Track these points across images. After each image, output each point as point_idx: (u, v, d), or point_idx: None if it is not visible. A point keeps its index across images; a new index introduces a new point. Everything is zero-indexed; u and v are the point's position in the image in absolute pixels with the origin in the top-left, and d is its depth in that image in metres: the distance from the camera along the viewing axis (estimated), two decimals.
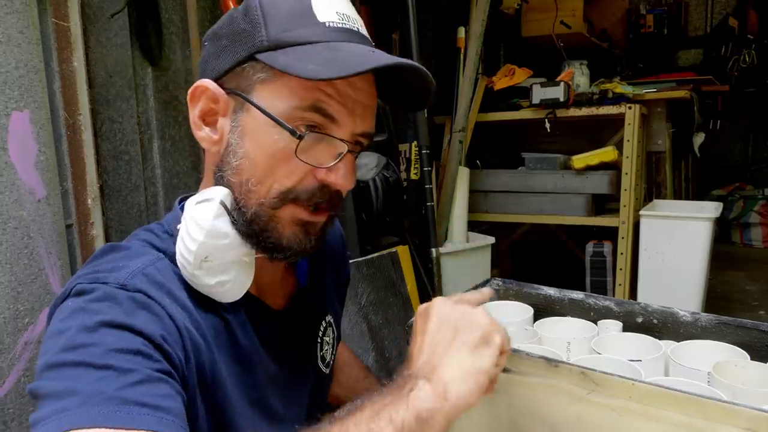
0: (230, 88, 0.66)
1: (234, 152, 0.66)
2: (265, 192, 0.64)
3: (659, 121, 2.71)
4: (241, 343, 0.69)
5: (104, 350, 0.54)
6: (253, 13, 0.64)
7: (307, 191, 0.65)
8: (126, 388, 0.52)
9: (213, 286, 0.65)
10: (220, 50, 0.67)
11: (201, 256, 0.63)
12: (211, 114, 0.68)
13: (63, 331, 0.56)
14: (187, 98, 0.69)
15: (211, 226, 0.63)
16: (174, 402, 0.55)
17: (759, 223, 4.25)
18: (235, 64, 0.65)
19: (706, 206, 2.44)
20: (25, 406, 1.18)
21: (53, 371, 0.54)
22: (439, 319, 0.62)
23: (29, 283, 1.17)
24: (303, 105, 0.63)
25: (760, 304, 3.02)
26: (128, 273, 0.61)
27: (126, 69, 1.47)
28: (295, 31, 0.63)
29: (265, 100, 0.64)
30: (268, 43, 0.63)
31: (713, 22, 4.73)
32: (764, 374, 0.78)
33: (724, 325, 0.90)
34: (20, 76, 1.14)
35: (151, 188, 1.58)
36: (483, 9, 2.61)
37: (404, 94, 0.71)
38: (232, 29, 0.66)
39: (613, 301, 1.00)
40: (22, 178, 1.14)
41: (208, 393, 0.64)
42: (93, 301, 0.58)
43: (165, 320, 0.60)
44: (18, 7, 1.13)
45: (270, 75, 0.63)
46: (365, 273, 1.65)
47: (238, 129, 0.65)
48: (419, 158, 2.23)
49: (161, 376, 0.56)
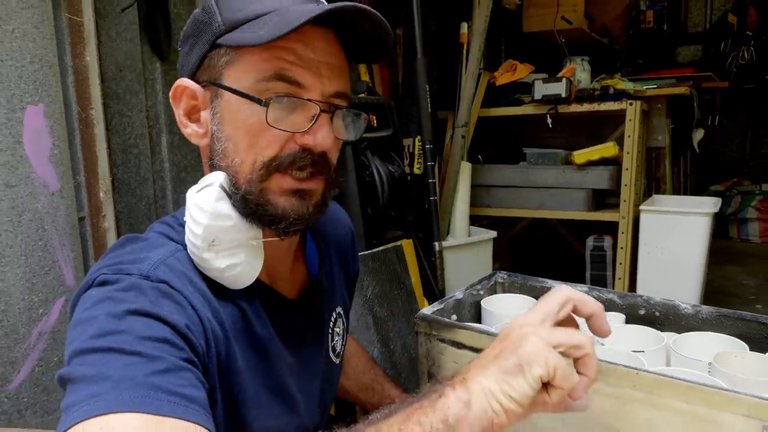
0: (204, 80, 0.68)
1: (217, 138, 0.68)
2: (251, 167, 0.66)
3: (659, 117, 2.73)
4: (257, 332, 0.71)
5: (133, 337, 0.55)
6: (208, 4, 0.67)
7: (289, 156, 0.66)
8: (154, 375, 0.53)
9: (224, 270, 0.66)
10: (189, 49, 0.70)
11: (208, 239, 0.64)
12: (194, 110, 0.70)
13: (90, 318, 0.57)
14: (170, 101, 0.71)
15: (214, 208, 0.64)
16: (198, 391, 0.56)
17: (756, 219, 4.28)
18: (202, 57, 0.68)
19: (705, 201, 2.46)
20: (39, 395, 1.20)
21: (83, 357, 0.55)
22: (497, 339, 0.62)
23: (43, 275, 1.19)
24: (266, 75, 0.64)
25: (757, 298, 3.05)
26: (151, 264, 0.62)
27: (135, 63, 1.49)
28: (246, 9, 0.65)
29: (233, 80, 0.66)
30: (225, 26, 0.65)
31: (712, 19, 4.74)
32: (763, 364, 0.81)
33: (724, 317, 0.93)
34: (35, 70, 1.15)
35: (160, 182, 1.60)
36: (486, 5, 2.62)
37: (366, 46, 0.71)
38: (194, 27, 0.69)
39: (617, 294, 1.03)
40: (37, 172, 1.16)
41: (223, 380, 0.65)
42: (119, 291, 0.59)
43: (188, 310, 0.61)
44: (33, 3, 1.14)
45: (232, 56, 0.65)
46: (371, 266, 1.67)
47: (217, 116, 0.67)
48: (422, 153, 2.25)
49: (186, 365, 0.57)
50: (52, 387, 1.22)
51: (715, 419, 0.67)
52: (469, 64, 2.64)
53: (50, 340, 1.22)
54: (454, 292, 1.04)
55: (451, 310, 1.00)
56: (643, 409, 0.71)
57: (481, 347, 0.84)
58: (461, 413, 0.56)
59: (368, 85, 1.97)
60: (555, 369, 0.56)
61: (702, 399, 0.68)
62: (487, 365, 0.59)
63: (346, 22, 0.66)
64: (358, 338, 1.46)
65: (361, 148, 1.75)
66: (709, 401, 0.67)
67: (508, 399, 0.56)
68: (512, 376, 0.57)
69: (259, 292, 0.72)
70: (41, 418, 1.21)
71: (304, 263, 0.84)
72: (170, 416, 0.52)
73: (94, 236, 1.33)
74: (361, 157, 1.74)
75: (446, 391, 0.57)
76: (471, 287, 1.08)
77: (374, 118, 1.84)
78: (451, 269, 2.28)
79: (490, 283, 1.12)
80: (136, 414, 0.51)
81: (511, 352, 0.58)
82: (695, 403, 0.68)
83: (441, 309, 0.96)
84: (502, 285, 1.14)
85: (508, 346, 0.59)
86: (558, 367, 0.56)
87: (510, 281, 1.13)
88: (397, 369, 1.60)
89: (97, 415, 0.50)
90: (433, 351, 0.90)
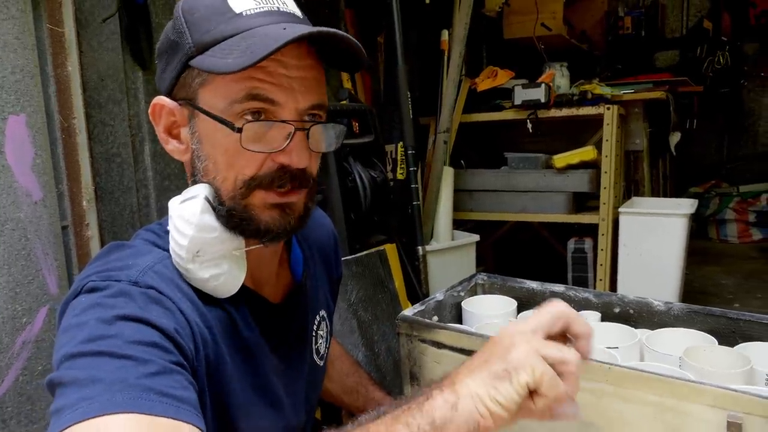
0: (180, 98, 0.69)
1: (198, 156, 0.69)
2: (232, 185, 0.67)
3: (637, 121, 2.78)
4: (244, 335, 0.72)
5: (123, 341, 0.56)
6: (178, 23, 0.67)
7: (268, 176, 0.67)
8: (146, 378, 0.54)
9: (208, 281, 0.67)
10: (164, 66, 0.70)
11: (193, 250, 0.65)
12: (174, 127, 0.71)
13: (80, 324, 0.58)
14: (150, 119, 0.72)
15: (199, 220, 0.66)
16: (189, 392, 0.57)
17: (734, 220, 4.36)
18: (176, 76, 0.68)
19: (682, 203, 2.52)
20: (23, 405, 1.20)
21: (74, 361, 0.55)
22: (487, 344, 0.63)
23: (27, 284, 1.20)
24: (238, 97, 0.64)
25: (735, 297, 3.11)
26: (139, 270, 0.64)
27: (117, 73, 1.50)
28: (214, 30, 0.65)
29: (208, 101, 0.66)
30: (195, 48, 0.65)
31: (689, 24, 4.83)
32: (730, 358, 0.84)
33: (695, 313, 0.96)
34: (16, 80, 1.16)
35: (143, 190, 1.61)
36: (466, 12, 2.66)
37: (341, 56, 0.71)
38: (167, 44, 0.69)
39: (592, 292, 1.06)
40: (19, 181, 1.17)
41: (212, 382, 0.66)
42: (108, 297, 0.60)
43: (176, 314, 0.62)
44: (14, 14, 1.15)
45: (205, 77, 0.66)
46: (354, 271, 1.69)
47: (196, 134, 0.68)
48: (405, 158, 2.28)
49: (176, 367, 0.58)
50: (36, 396, 1.22)
51: (683, 410, 0.69)
52: (450, 71, 2.68)
53: (34, 349, 1.22)
54: (435, 294, 1.07)
55: (432, 311, 1.02)
56: (616, 402, 0.74)
57: (462, 347, 0.86)
58: (448, 415, 0.57)
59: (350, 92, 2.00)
60: (542, 377, 0.57)
61: (670, 391, 0.70)
62: (475, 369, 0.60)
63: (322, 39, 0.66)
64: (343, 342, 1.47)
65: (344, 154, 1.77)
66: (677, 393, 0.70)
67: (494, 403, 0.57)
68: (500, 381, 0.58)
69: (244, 297, 0.73)
70: (26, 427, 1.21)
71: (289, 268, 0.86)
72: (163, 416, 0.53)
73: (78, 245, 1.33)
74: (344, 163, 1.76)
75: (434, 394, 0.59)
76: (452, 289, 1.10)
77: (356, 124, 1.87)
78: (435, 273, 2.31)
79: (471, 285, 1.15)
80: (130, 415, 0.51)
81: (500, 357, 0.59)
82: (664, 395, 0.71)
83: (422, 310, 0.98)
84: (483, 286, 1.16)
85: (497, 352, 0.60)
86: (545, 376, 0.58)
87: (490, 282, 1.16)
88: (381, 372, 1.62)
89: (92, 417, 0.51)
90: (414, 351, 0.92)
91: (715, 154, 4.94)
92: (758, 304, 2.97)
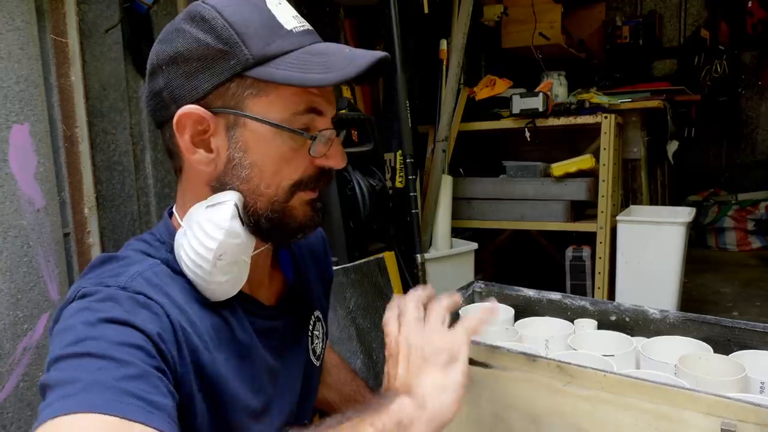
0: (216, 107, 0.68)
1: (240, 165, 0.69)
2: (275, 190, 0.70)
3: (634, 130, 2.80)
4: (239, 338, 0.74)
5: (106, 342, 0.57)
6: (224, 32, 0.66)
7: (312, 178, 0.72)
8: (124, 380, 0.55)
9: (222, 284, 0.70)
10: (190, 72, 0.68)
11: (218, 254, 0.67)
12: (201, 135, 0.70)
13: (67, 328, 0.60)
14: (173, 128, 0.70)
15: (230, 225, 0.68)
16: (166, 399, 0.58)
17: (733, 228, 4.37)
18: (218, 84, 0.67)
19: (680, 211, 2.53)
20: (23, 411, 1.21)
21: (59, 363, 0.57)
22: (409, 350, 0.70)
23: (28, 290, 1.21)
24: (300, 109, 0.69)
25: (734, 306, 3.12)
26: (128, 276, 0.65)
27: (120, 82, 1.51)
28: (274, 44, 0.67)
29: (260, 111, 0.68)
30: (254, 59, 0.66)
31: (686, 34, 4.87)
32: (725, 365, 0.85)
33: (690, 321, 0.97)
34: (20, 90, 1.17)
35: (144, 197, 1.62)
36: (464, 22, 2.69)
37: None
38: (201, 51, 0.67)
39: (588, 300, 1.06)
40: (22, 189, 1.18)
41: (205, 386, 0.67)
42: (96, 302, 0.62)
43: (163, 319, 0.63)
44: (19, 25, 1.17)
45: (260, 89, 0.67)
46: (353, 278, 1.70)
47: (239, 144, 0.69)
48: (404, 167, 2.29)
49: (156, 372, 0.59)
50: (36, 402, 1.23)
51: (678, 417, 0.70)
52: (448, 80, 2.70)
53: (35, 355, 1.23)
54: None
55: None
56: (611, 409, 0.75)
57: None
58: (416, 414, 0.62)
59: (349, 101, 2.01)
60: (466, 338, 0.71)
61: (665, 398, 0.71)
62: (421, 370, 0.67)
63: None
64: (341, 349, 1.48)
65: None
66: (672, 400, 0.71)
67: (458, 387, 0.66)
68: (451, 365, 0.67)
69: (240, 300, 0.75)
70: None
71: (280, 270, 0.88)
72: (135, 421, 0.53)
73: (79, 252, 1.34)
74: (343, 172, 1.78)
75: (399, 398, 0.63)
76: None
77: (355, 133, 1.88)
78: (434, 281, 2.32)
79: (468, 293, 1.16)
80: (103, 416, 0.52)
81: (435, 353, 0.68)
82: (659, 402, 0.71)
83: None
84: (480, 294, 1.17)
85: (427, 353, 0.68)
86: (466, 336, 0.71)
87: (487, 290, 1.17)
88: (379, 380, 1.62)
89: (65, 413, 0.52)
90: None
91: (713, 163, 4.96)
92: (757, 312, 2.97)
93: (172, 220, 0.78)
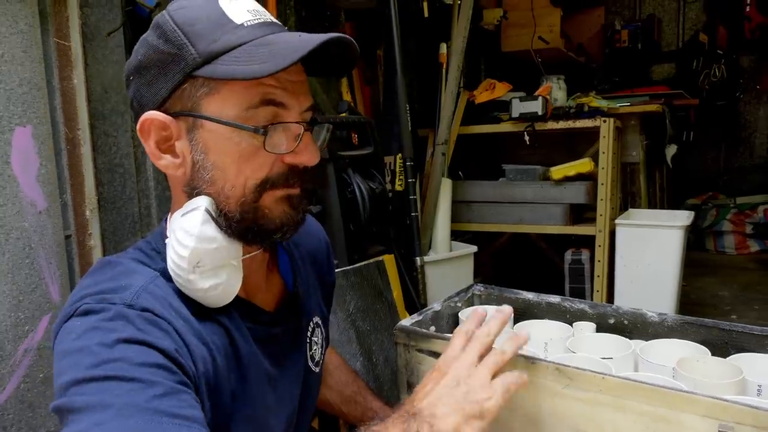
0: (176, 111, 0.68)
1: (203, 167, 0.69)
2: (242, 191, 0.68)
3: (633, 134, 2.81)
4: (238, 345, 0.73)
5: (129, 364, 0.57)
6: (173, 35, 0.66)
7: (280, 176, 0.69)
8: (155, 399, 0.56)
9: (207, 290, 0.68)
10: (150, 80, 0.68)
11: (193, 261, 0.67)
12: (166, 141, 0.70)
13: (81, 349, 0.59)
14: (138, 135, 0.70)
15: (200, 231, 0.66)
16: (196, 411, 0.59)
17: (731, 231, 4.38)
18: (173, 88, 0.67)
19: (679, 215, 2.54)
20: (24, 412, 1.21)
21: (81, 386, 0.56)
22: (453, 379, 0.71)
23: (30, 292, 1.21)
24: (254, 103, 0.66)
25: (732, 309, 3.12)
26: (133, 293, 0.65)
27: (121, 85, 1.52)
28: (221, 40, 0.65)
29: (216, 110, 0.66)
30: (201, 58, 0.65)
31: (684, 38, 4.89)
32: (723, 368, 0.85)
33: (688, 324, 0.97)
34: (23, 93, 1.18)
35: (144, 200, 1.63)
36: (464, 26, 2.70)
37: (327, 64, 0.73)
38: (156, 57, 0.67)
39: (587, 303, 1.07)
40: (24, 191, 1.18)
41: (213, 400, 0.68)
42: (105, 321, 0.61)
43: (173, 335, 0.64)
44: (22, 28, 1.17)
45: (211, 87, 0.66)
46: (353, 281, 1.70)
47: (199, 146, 0.68)
48: (404, 170, 2.30)
49: (181, 387, 0.59)
50: (37, 404, 1.23)
51: (676, 420, 0.71)
52: (448, 83, 2.71)
53: (36, 357, 1.23)
54: (433, 305, 1.08)
55: (430, 321, 1.03)
56: (610, 411, 0.75)
57: None
58: None
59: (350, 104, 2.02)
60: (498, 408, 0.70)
61: (663, 401, 0.72)
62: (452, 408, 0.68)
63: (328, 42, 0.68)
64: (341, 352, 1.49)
65: (343, 165, 1.79)
66: (670, 403, 0.71)
67: None
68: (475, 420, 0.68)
69: (238, 306, 0.74)
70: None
71: (279, 275, 0.87)
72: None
73: (80, 254, 1.35)
74: (343, 175, 1.79)
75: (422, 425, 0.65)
76: (449, 299, 1.12)
77: (356, 136, 1.89)
78: (433, 283, 2.33)
79: (468, 296, 1.16)
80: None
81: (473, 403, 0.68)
82: (657, 404, 0.72)
83: (419, 321, 0.99)
84: (479, 297, 1.18)
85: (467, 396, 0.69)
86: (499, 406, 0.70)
87: (486, 293, 1.17)
88: (380, 382, 1.63)
89: None
90: (412, 361, 0.93)
91: (712, 166, 4.98)
92: (755, 315, 2.98)
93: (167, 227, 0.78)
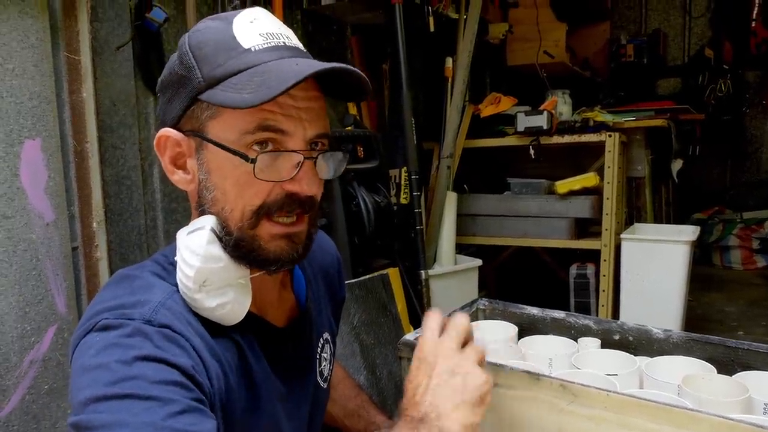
0: (187, 130, 0.71)
1: (206, 187, 0.70)
2: (240, 215, 0.69)
3: (638, 148, 2.81)
4: (250, 362, 0.73)
5: (146, 382, 0.57)
6: (185, 58, 0.68)
7: (276, 203, 0.69)
8: (171, 418, 0.56)
9: (214, 309, 0.68)
10: (168, 99, 0.71)
11: (199, 280, 0.67)
12: (179, 157, 0.72)
13: (100, 366, 0.59)
14: (154, 149, 0.73)
15: (205, 251, 0.67)
16: (213, 429, 0.59)
17: (738, 246, 4.36)
18: (184, 108, 0.70)
19: (684, 230, 2.53)
20: (29, 423, 1.22)
21: (100, 404, 0.56)
22: (446, 370, 0.69)
23: (36, 303, 1.22)
24: (250, 128, 0.66)
25: (739, 325, 3.10)
26: (151, 308, 0.65)
27: (129, 98, 1.54)
28: (225, 65, 0.66)
29: (218, 133, 0.68)
30: (205, 82, 0.67)
31: (690, 52, 4.90)
32: (729, 386, 0.85)
33: (694, 341, 0.97)
34: (33, 106, 1.20)
35: (151, 212, 1.64)
36: (470, 40, 2.72)
37: (344, 88, 0.74)
38: (173, 78, 0.70)
39: (592, 319, 1.07)
40: (33, 203, 1.20)
41: (224, 413, 0.68)
42: (124, 337, 0.61)
43: (190, 352, 0.64)
44: (33, 42, 1.19)
45: (215, 110, 0.67)
46: (357, 294, 1.70)
47: (204, 165, 0.70)
48: (408, 183, 2.31)
49: (198, 405, 0.60)
50: (41, 415, 1.24)
51: None
52: (454, 97, 2.72)
53: (41, 368, 1.23)
54: None
55: None
56: (615, 429, 0.75)
57: None
58: None
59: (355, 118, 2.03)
60: None
61: (668, 419, 0.71)
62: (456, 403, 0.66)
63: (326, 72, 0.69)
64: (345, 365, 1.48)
65: (348, 179, 1.80)
66: (675, 421, 0.71)
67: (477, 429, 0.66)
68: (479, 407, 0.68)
69: (250, 323, 0.74)
70: None
71: (292, 291, 0.87)
72: None
73: (87, 266, 1.35)
74: (348, 188, 1.79)
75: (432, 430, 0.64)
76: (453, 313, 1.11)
77: (361, 149, 1.90)
78: (438, 297, 2.32)
79: (472, 310, 1.16)
80: None
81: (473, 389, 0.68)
82: (662, 422, 0.71)
83: None
84: (484, 311, 1.17)
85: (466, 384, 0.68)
86: None
87: (491, 308, 1.17)
88: (383, 395, 1.62)
89: None
90: None
91: (718, 181, 4.96)
92: (762, 331, 2.96)
93: None
